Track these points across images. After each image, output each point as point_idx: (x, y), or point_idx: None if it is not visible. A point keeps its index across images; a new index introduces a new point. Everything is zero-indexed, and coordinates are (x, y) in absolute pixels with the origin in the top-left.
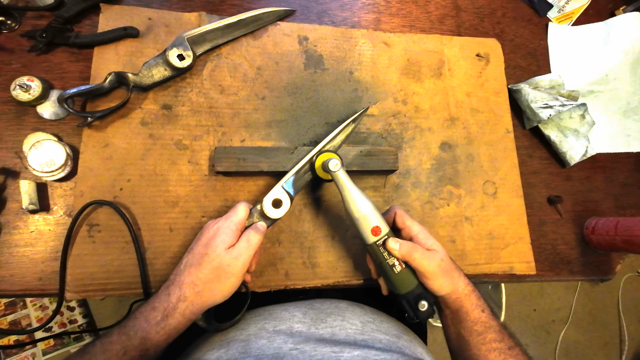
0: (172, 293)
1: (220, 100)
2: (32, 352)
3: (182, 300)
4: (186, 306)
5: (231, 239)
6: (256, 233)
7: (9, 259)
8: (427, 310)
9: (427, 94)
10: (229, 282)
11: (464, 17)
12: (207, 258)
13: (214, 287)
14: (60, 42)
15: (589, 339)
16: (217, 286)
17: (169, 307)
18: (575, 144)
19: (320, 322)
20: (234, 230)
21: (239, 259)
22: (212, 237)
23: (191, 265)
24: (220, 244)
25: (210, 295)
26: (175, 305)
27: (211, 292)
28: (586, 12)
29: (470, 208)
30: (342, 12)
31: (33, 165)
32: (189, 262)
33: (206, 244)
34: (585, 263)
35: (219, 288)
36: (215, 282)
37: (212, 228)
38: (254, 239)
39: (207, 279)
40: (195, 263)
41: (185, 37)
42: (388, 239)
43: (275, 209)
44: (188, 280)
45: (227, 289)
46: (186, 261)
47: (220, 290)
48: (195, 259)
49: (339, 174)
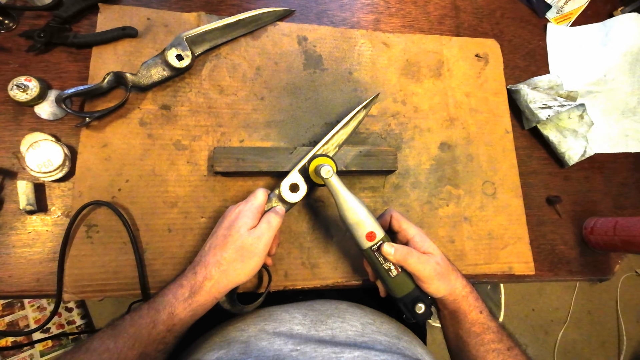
0: (199, 272)
1: (219, 101)
2: (30, 354)
3: (209, 279)
4: (212, 284)
5: (252, 221)
6: (276, 215)
7: (6, 259)
8: (425, 312)
9: (426, 94)
10: (253, 262)
11: (463, 17)
12: (230, 239)
13: (238, 266)
14: (59, 42)
15: (588, 338)
16: (241, 265)
17: (196, 285)
18: (574, 144)
19: (321, 323)
20: (255, 212)
21: (261, 239)
22: (234, 220)
23: (215, 246)
24: (242, 226)
25: (235, 274)
26: (201, 284)
27: (235, 272)
28: (584, 13)
29: (469, 208)
30: (341, 13)
31: (31, 165)
32: (213, 244)
33: (229, 226)
34: (584, 263)
35: (243, 267)
36: (239, 262)
37: (234, 212)
38: (274, 220)
39: (231, 258)
40: (219, 244)
41: (184, 37)
42: (383, 244)
43: (292, 193)
44: (213, 260)
45: (250, 268)
46: (210, 243)
47: (244, 269)
48: (219, 241)
49: (332, 181)
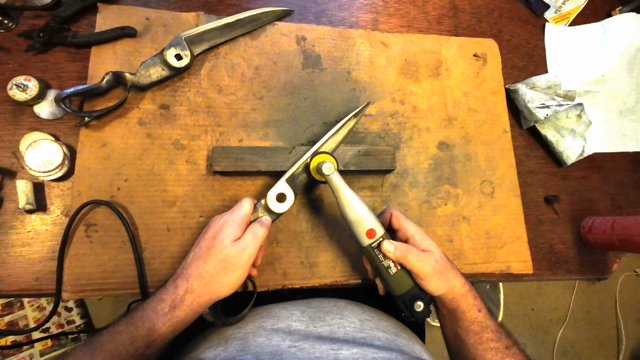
0: (180, 285)
1: (218, 100)
2: (30, 353)
3: (190, 292)
4: (193, 298)
5: (237, 232)
6: (261, 226)
7: (5, 259)
8: (423, 310)
9: (425, 93)
10: (236, 274)
11: (461, 17)
12: (213, 250)
13: (221, 279)
14: (58, 42)
15: (587, 338)
16: (224, 278)
17: (177, 299)
18: (572, 143)
19: (319, 320)
20: (240, 223)
21: (245, 251)
22: (218, 230)
23: (198, 257)
24: (226, 237)
25: (217, 287)
26: (182, 297)
27: (218, 284)
28: (583, 13)
29: (467, 207)
30: (340, 12)
31: (30, 165)
32: (196, 255)
33: (213, 237)
34: (582, 262)
35: (226, 280)
36: (222, 274)
37: (219, 222)
38: (259, 231)
39: (214, 271)
40: (202, 255)
41: (183, 37)
42: (383, 241)
43: (279, 204)
44: (195, 272)
45: (233, 281)
46: (193, 254)
47: (227, 282)
48: (202, 252)
49: (333, 177)
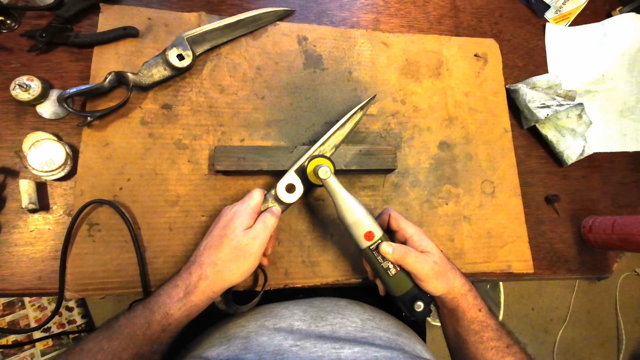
0: (194, 272)
1: (220, 100)
2: (31, 353)
3: (203, 279)
4: (207, 285)
5: (248, 221)
6: (272, 216)
7: (8, 258)
8: (424, 310)
9: (426, 93)
10: (248, 262)
11: (462, 17)
12: (225, 239)
13: (233, 266)
14: (60, 42)
15: (587, 337)
16: (235, 266)
17: (191, 285)
18: (573, 143)
19: (320, 319)
20: (251, 213)
21: (257, 239)
22: (230, 220)
23: (210, 246)
24: (238, 226)
25: (229, 274)
26: (196, 283)
27: (230, 272)
28: (583, 13)
29: (468, 207)
30: (341, 12)
31: (33, 164)
32: (209, 244)
33: (224, 226)
34: (583, 261)
35: (238, 267)
36: (234, 262)
37: (230, 212)
38: (269, 221)
39: (226, 258)
40: (214, 244)
41: (185, 37)
42: (381, 243)
43: (289, 194)
44: (208, 260)
45: (245, 269)
46: (205, 243)
47: (239, 269)
48: (214, 241)
49: (330, 181)
